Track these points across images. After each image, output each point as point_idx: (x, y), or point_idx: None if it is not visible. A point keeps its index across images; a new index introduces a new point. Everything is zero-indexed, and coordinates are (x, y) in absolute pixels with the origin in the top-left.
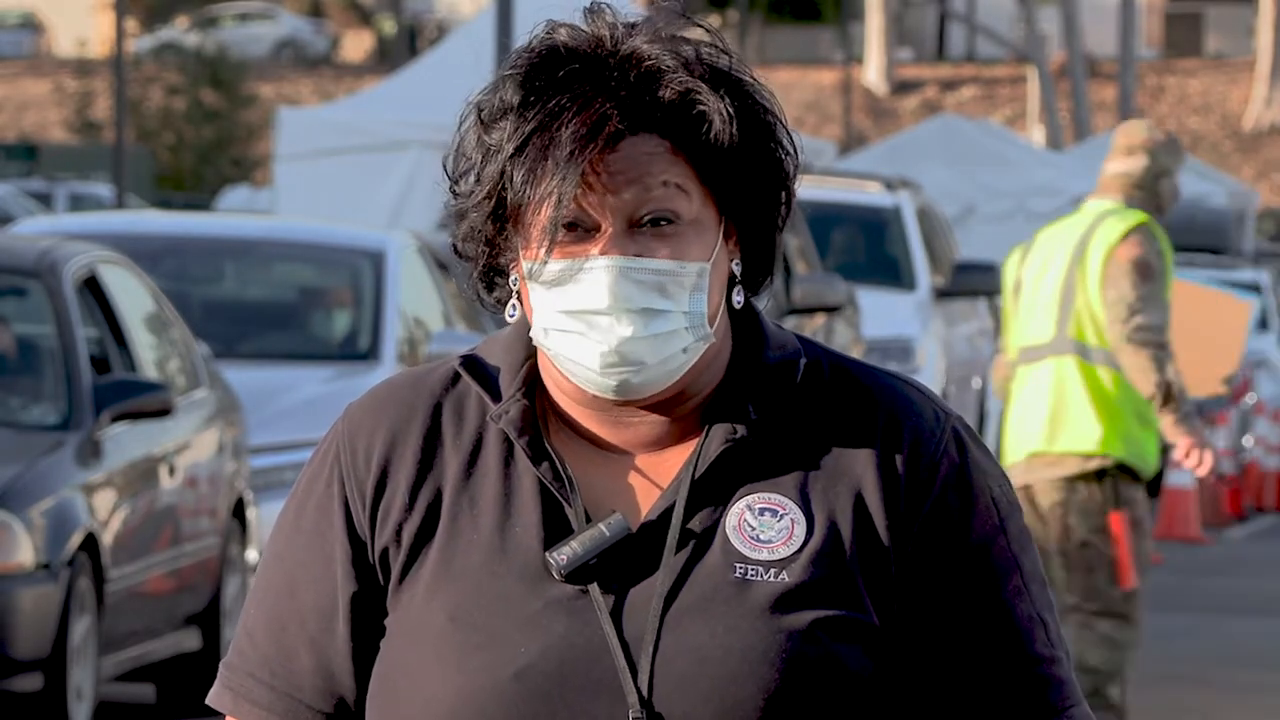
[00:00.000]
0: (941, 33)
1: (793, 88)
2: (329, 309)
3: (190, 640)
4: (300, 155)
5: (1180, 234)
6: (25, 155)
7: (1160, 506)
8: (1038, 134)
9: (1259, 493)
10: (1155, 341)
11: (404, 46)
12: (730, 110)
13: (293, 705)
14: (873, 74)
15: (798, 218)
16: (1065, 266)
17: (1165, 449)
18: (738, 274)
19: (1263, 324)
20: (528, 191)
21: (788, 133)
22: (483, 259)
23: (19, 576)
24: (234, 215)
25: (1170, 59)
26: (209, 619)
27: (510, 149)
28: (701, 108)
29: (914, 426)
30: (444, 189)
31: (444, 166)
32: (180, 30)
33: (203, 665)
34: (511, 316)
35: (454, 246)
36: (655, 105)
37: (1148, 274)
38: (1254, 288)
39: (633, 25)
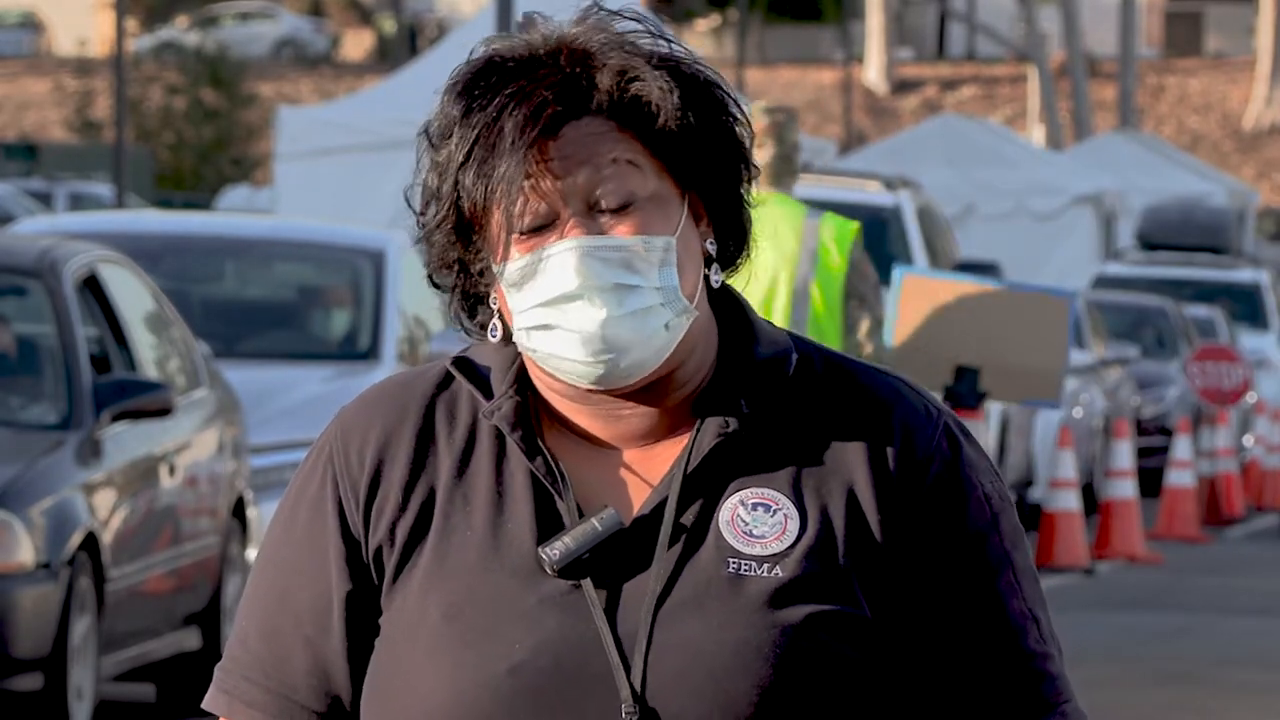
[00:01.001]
0: (942, 32)
1: (793, 87)
2: (329, 309)
3: (190, 640)
4: (300, 155)
5: (1180, 234)
6: (25, 155)
7: (1160, 506)
8: (1038, 134)
9: (1259, 492)
10: None
11: (404, 46)
12: (669, 82)
13: (288, 706)
14: (873, 73)
15: None
16: None
17: (1165, 449)
18: (713, 253)
19: (1263, 324)
20: (480, 192)
21: (733, 98)
22: (458, 286)
23: (19, 576)
24: (234, 215)
25: (1170, 59)
26: (209, 619)
27: (459, 158)
28: (639, 83)
29: (906, 422)
30: (411, 225)
31: (407, 201)
32: (180, 30)
33: (203, 665)
34: (494, 336)
35: (429, 279)
36: (593, 88)
37: None
38: (1254, 287)
39: (566, 24)
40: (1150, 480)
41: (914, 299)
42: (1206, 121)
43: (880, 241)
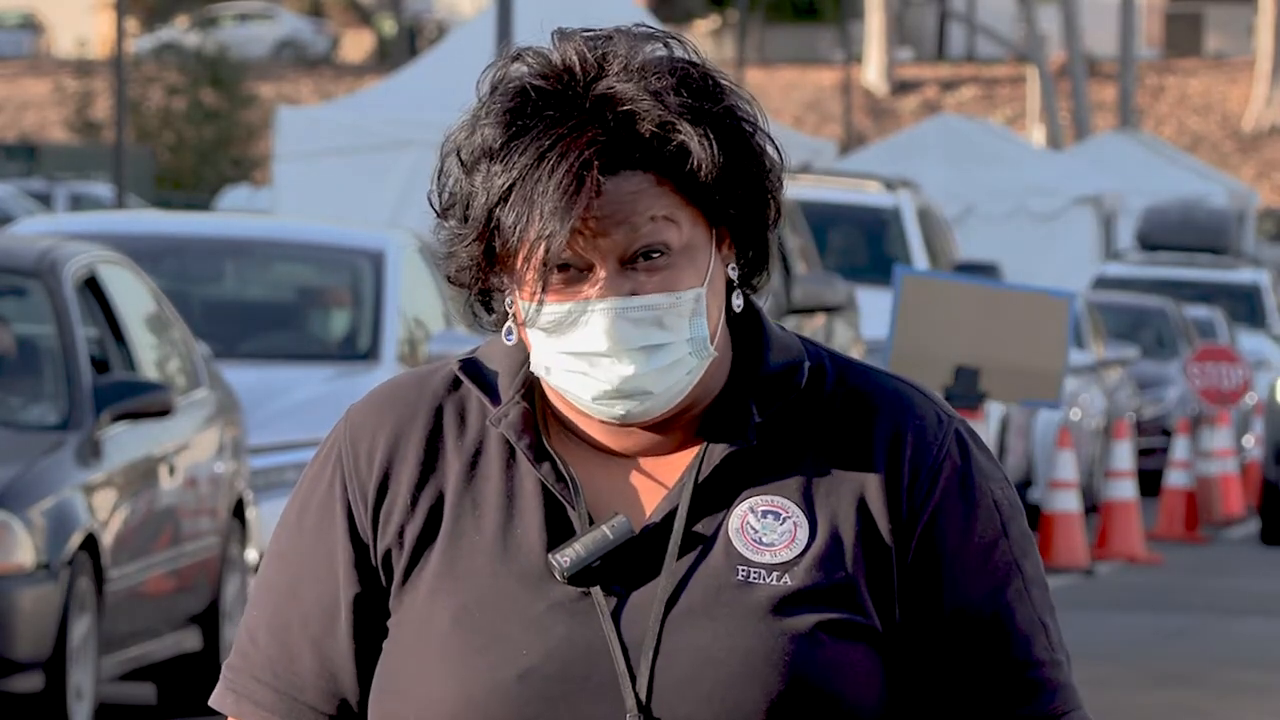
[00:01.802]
0: (941, 33)
1: (793, 88)
2: (329, 309)
3: (190, 640)
4: (300, 155)
5: (1180, 234)
6: (25, 155)
7: (1160, 507)
8: (1038, 134)
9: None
10: None
11: (404, 46)
12: (710, 135)
13: (295, 706)
14: (873, 74)
15: (798, 218)
16: None
17: (1164, 449)
18: (734, 278)
19: (1262, 324)
20: (516, 238)
21: (769, 139)
22: (476, 286)
23: (19, 576)
24: (234, 215)
25: (1170, 59)
26: (209, 619)
27: (495, 197)
28: (681, 138)
29: (917, 430)
30: (431, 218)
31: (429, 201)
32: (180, 30)
33: (203, 665)
34: (509, 339)
35: (447, 278)
36: (635, 142)
37: None
38: (1254, 288)
39: (601, 56)
40: (1150, 481)
41: (914, 299)
42: (1206, 122)
43: (880, 242)
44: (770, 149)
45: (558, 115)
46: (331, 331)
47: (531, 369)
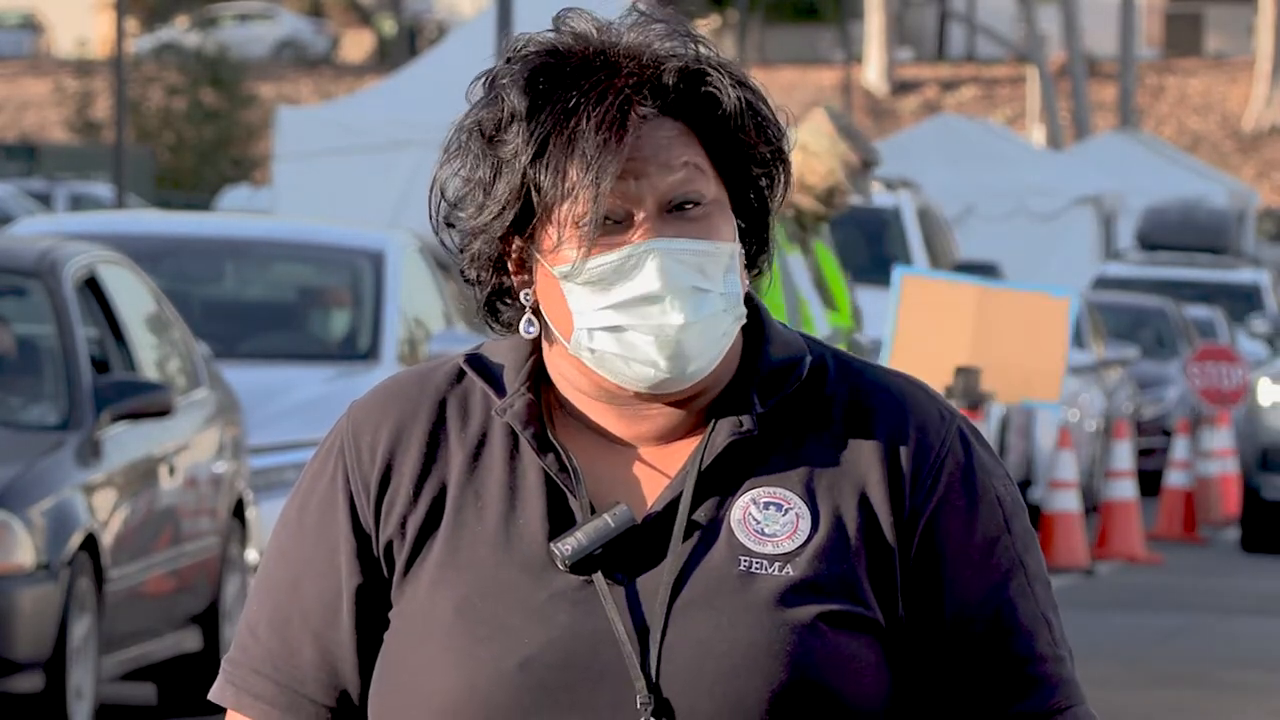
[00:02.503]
0: (941, 33)
1: (793, 88)
2: (329, 309)
3: (191, 640)
4: (300, 155)
5: (1180, 234)
6: (25, 155)
7: (1160, 507)
8: (1038, 134)
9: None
10: None
11: (404, 46)
12: (735, 84)
13: (295, 699)
14: (873, 74)
15: None
16: None
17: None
18: (743, 259)
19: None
20: (558, 190)
21: (773, 112)
22: (489, 283)
23: (19, 576)
24: (234, 215)
25: (1170, 59)
26: (209, 619)
27: (529, 154)
28: (710, 87)
29: (919, 425)
30: (436, 217)
31: (433, 200)
32: (180, 30)
33: (203, 665)
34: (529, 332)
35: (460, 272)
36: (664, 90)
37: None
38: (1254, 288)
39: (611, 24)
40: (1150, 481)
41: (914, 299)
42: (1206, 122)
43: (880, 242)
44: (780, 121)
45: (583, 71)
46: (331, 331)
47: (570, 341)
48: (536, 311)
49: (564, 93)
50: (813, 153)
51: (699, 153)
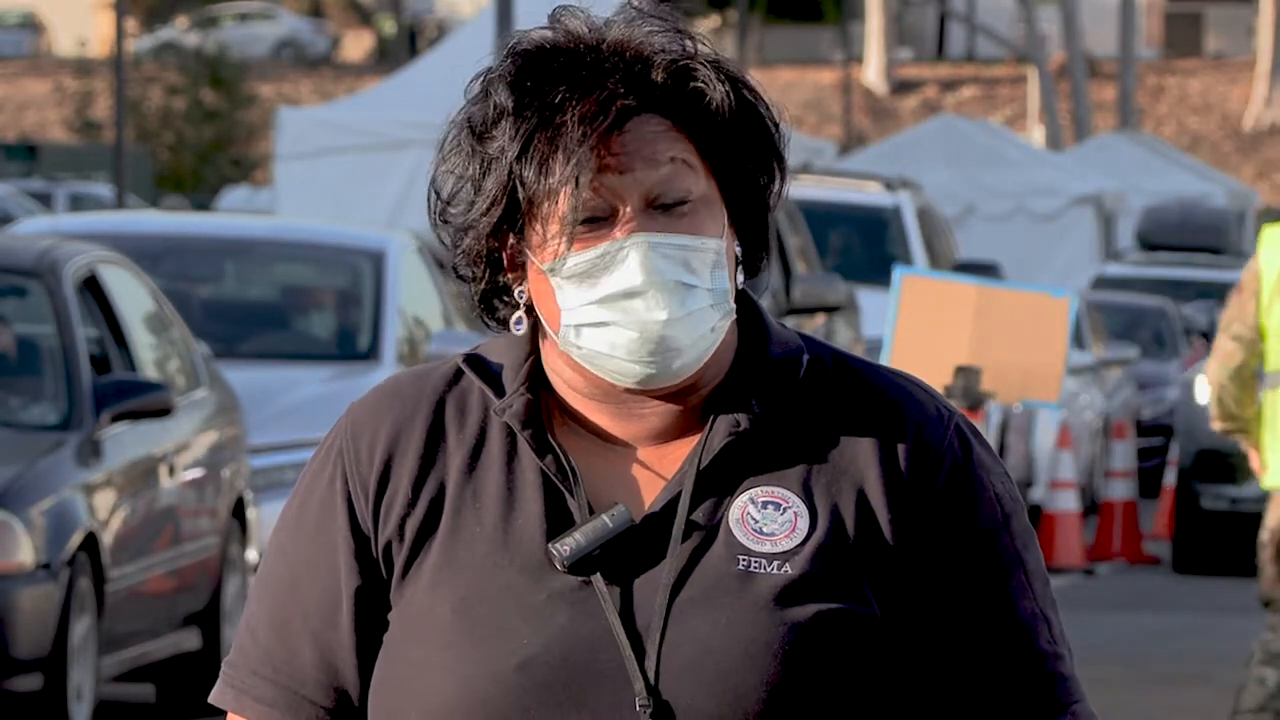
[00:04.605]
0: (941, 33)
1: (793, 88)
2: (329, 309)
3: (190, 640)
4: (300, 155)
5: (1180, 234)
6: (25, 155)
7: (1160, 507)
8: (1038, 134)
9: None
10: None
11: (404, 46)
12: (723, 80)
13: (295, 700)
14: (873, 74)
15: (797, 218)
16: None
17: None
18: (739, 256)
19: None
20: (541, 186)
21: (768, 108)
22: (483, 280)
23: (19, 576)
24: (234, 215)
25: (1170, 59)
26: (209, 619)
27: (515, 150)
28: (697, 83)
29: (917, 423)
30: (432, 214)
31: (430, 198)
32: (180, 30)
33: (203, 665)
34: (519, 328)
35: (454, 269)
36: (651, 86)
37: None
38: None
39: (604, 20)
40: (1150, 481)
41: (914, 299)
42: (1206, 122)
43: (880, 242)
44: (775, 116)
45: (570, 67)
46: (331, 331)
47: (559, 337)
48: (530, 309)
49: (550, 88)
50: None
51: (688, 149)
